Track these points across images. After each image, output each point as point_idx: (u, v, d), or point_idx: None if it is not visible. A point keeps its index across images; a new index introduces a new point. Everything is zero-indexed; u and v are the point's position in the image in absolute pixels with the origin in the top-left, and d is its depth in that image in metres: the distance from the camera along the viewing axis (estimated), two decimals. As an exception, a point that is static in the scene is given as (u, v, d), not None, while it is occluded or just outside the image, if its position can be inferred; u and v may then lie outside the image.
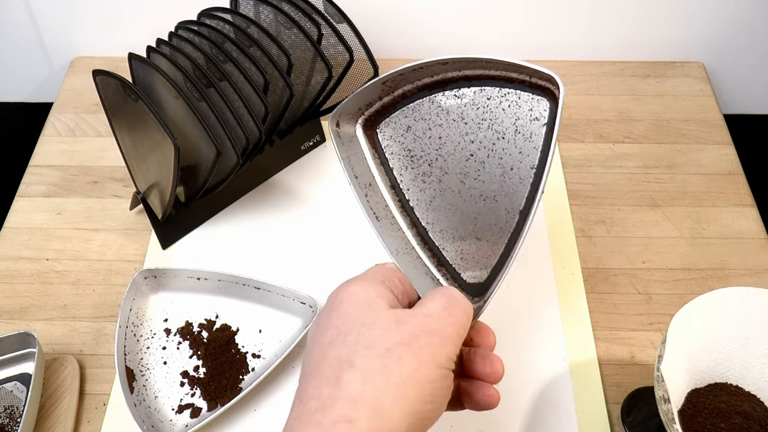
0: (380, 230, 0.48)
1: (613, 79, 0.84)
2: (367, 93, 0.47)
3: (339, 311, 0.39)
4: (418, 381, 0.36)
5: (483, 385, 0.42)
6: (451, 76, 0.46)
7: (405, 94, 0.48)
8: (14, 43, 0.85)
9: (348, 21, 0.66)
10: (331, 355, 0.37)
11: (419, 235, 0.49)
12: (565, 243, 0.67)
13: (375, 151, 0.50)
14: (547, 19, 0.82)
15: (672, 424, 0.44)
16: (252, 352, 0.60)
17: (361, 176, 0.49)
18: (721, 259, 0.67)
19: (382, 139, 0.49)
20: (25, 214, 0.71)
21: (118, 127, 0.63)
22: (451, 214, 0.48)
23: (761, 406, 0.52)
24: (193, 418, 0.56)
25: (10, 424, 0.56)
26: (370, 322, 0.37)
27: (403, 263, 0.48)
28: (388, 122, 0.49)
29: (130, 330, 0.60)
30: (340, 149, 0.48)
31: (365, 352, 0.36)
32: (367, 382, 0.35)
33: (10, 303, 0.64)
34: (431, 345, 0.37)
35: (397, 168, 0.49)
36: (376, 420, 0.34)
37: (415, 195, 0.49)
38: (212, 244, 0.68)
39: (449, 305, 0.39)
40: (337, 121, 0.48)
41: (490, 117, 0.45)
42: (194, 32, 0.62)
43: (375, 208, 0.49)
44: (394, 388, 0.35)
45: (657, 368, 0.47)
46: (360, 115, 0.49)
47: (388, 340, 0.36)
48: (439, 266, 0.49)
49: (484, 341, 0.43)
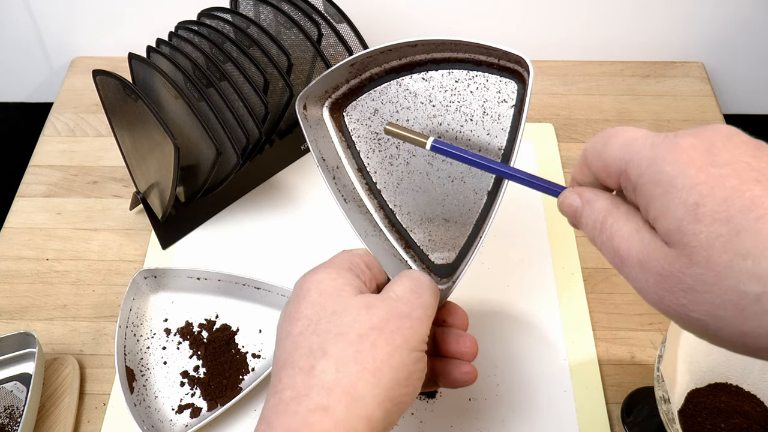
0: (348, 212, 0.48)
1: (613, 79, 0.84)
2: (334, 75, 0.47)
3: (307, 300, 0.39)
4: (392, 365, 0.36)
5: (459, 363, 0.42)
6: (420, 59, 0.46)
7: (372, 77, 0.48)
8: (14, 43, 0.85)
9: (348, 21, 0.66)
10: (303, 345, 0.37)
11: (387, 217, 0.50)
12: (565, 243, 0.67)
13: (342, 134, 0.50)
14: (547, 18, 0.82)
15: (672, 424, 0.45)
16: (252, 352, 0.60)
17: (329, 159, 0.49)
18: (721, 259, 0.67)
19: (349, 122, 0.49)
20: (25, 214, 0.71)
21: (118, 127, 0.63)
22: (419, 195, 0.48)
23: (761, 406, 0.52)
24: (193, 418, 0.56)
25: (10, 424, 0.56)
26: (340, 309, 0.37)
27: (372, 245, 0.47)
28: (355, 105, 0.49)
29: (130, 330, 0.60)
30: (308, 132, 0.48)
31: (337, 339, 0.36)
32: (341, 369, 0.35)
33: (10, 303, 0.64)
34: (402, 329, 0.37)
35: (364, 151, 0.49)
36: (352, 406, 0.34)
37: (383, 177, 0.49)
38: (212, 244, 0.68)
39: (416, 288, 0.40)
40: (304, 103, 0.48)
41: (458, 99, 0.45)
42: (194, 32, 0.62)
43: (343, 190, 0.49)
44: (368, 374, 0.35)
45: (657, 368, 0.47)
46: (327, 98, 0.49)
47: (359, 326, 0.37)
48: (407, 248, 0.49)
49: (456, 321, 0.44)
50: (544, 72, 0.84)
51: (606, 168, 0.32)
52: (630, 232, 0.31)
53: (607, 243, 0.31)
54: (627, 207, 0.32)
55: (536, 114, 0.79)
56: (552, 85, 0.82)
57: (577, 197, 0.34)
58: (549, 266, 0.66)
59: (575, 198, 0.34)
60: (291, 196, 0.72)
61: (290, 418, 0.34)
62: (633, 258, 0.30)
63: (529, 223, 0.69)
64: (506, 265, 0.66)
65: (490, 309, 0.63)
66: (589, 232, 0.33)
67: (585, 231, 0.34)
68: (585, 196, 0.34)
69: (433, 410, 0.57)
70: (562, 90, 0.82)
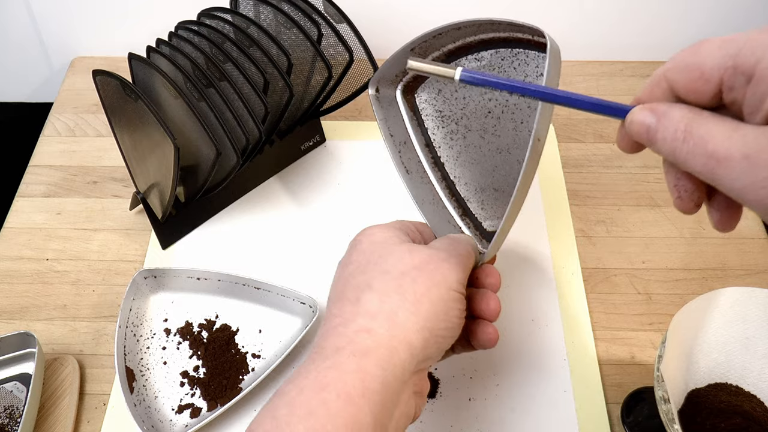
0: (409, 183, 0.54)
1: (613, 79, 0.84)
2: (397, 60, 0.52)
3: (358, 249, 0.43)
4: (430, 298, 0.40)
5: (483, 323, 0.45)
6: (470, 41, 0.51)
7: (434, 60, 0.52)
8: (14, 43, 0.85)
9: (348, 21, 0.66)
10: (352, 283, 0.41)
11: (448, 188, 0.55)
12: (565, 243, 0.67)
13: (413, 114, 0.55)
14: (547, 19, 0.82)
15: (672, 424, 0.44)
16: (252, 352, 0.60)
17: (396, 135, 0.55)
18: (721, 259, 0.67)
19: (419, 102, 0.54)
20: (25, 214, 0.71)
21: (118, 127, 0.63)
22: (474, 167, 0.53)
23: (761, 406, 0.52)
24: (193, 418, 0.56)
25: (10, 424, 0.56)
26: (386, 253, 0.42)
27: (428, 213, 0.53)
28: (424, 87, 0.54)
29: (130, 330, 0.60)
30: (378, 112, 0.54)
31: (382, 276, 0.40)
32: (384, 299, 0.39)
33: (10, 303, 0.64)
34: (441, 269, 0.41)
35: (431, 128, 0.55)
36: (392, 329, 0.38)
37: (445, 152, 0.55)
38: (212, 244, 0.68)
39: (453, 241, 0.45)
40: (376, 86, 0.54)
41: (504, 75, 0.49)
42: (194, 32, 0.62)
43: (407, 163, 0.55)
44: (408, 304, 0.39)
45: (657, 368, 0.47)
46: (399, 81, 0.54)
47: (402, 265, 0.41)
48: (463, 216, 0.54)
49: (488, 280, 0.47)
50: (544, 72, 0.84)
51: (703, 74, 0.31)
52: (726, 132, 0.29)
53: (698, 149, 0.30)
54: (710, 112, 0.31)
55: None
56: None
57: (648, 112, 0.32)
58: (549, 266, 0.66)
59: (647, 113, 0.32)
60: (291, 196, 0.72)
61: (338, 338, 0.38)
62: (736, 155, 0.28)
63: (529, 223, 0.69)
64: (506, 265, 0.66)
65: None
66: (669, 146, 0.31)
67: (662, 147, 0.32)
68: (658, 109, 0.32)
69: (433, 410, 0.57)
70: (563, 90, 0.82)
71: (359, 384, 0.36)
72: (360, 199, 0.71)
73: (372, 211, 0.70)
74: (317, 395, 0.35)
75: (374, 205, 0.71)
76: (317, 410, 0.35)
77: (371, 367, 0.37)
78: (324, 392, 0.35)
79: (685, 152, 0.31)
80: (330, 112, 0.70)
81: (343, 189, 0.72)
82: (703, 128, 0.30)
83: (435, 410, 0.57)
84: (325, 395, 0.35)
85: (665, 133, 0.31)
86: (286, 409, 0.35)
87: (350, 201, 0.71)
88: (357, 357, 0.37)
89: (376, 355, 0.37)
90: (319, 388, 0.36)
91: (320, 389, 0.36)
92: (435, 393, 0.58)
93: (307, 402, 0.35)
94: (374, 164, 0.74)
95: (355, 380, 0.36)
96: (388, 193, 0.71)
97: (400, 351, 0.38)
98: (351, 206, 0.71)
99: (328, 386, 0.36)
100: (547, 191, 0.71)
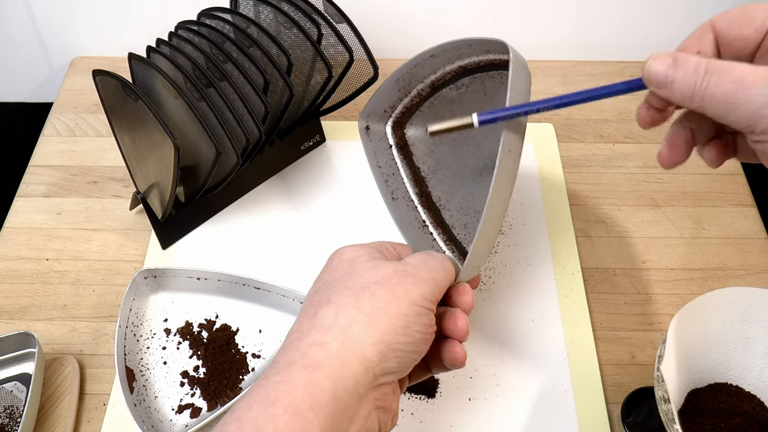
0: (394, 209, 0.55)
1: (613, 79, 0.83)
2: (385, 93, 0.53)
3: (328, 267, 0.43)
4: (388, 312, 0.39)
5: (451, 343, 0.44)
6: (450, 69, 0.51)
7: (420, 93, 0.53)
8: (14, 43, 0.85)
9: (348, 21, 0.66)
10: (314, 300, 0.41)
11: (433, 215, 0.55)
12: (565, 243, 0.67)
13: (402, 147, 0.56)
14: (547, 19, 0.82)
15: (672, 424, 0.44)
16: (252, 352, 0.60)
17: (384, 167, 0.56)
18: (721, 259, 0.67)
19: (408, 136, 0.56)
20: (25, 214, 0.71)
21: (118, 127, 0.63)
22: (458, 192, 0.54)
23: (761, 406, 0.52)
24: (193, 418, 0.56)
25: (10, 424, 0.56)
26: (351, 270, 0.42)
27: (411, 237, 0.54)
28: (412, 121, 0.55)
29: (130, 330, 0.60)
30: (367, 145, 0.55)
31: (342, 291, 0.40)
32: (340, 313, 0.39)
33: (10, 303, 0.64)
34: (403, 284, 0.40)
35: (420, 159, 0.56)
36: (345, 343, 0.37)
37: (432, 182, 0.56)
38: (212, 244, 0.68)
39: (427, 256, 0.44)
40: (366, 123, 0.56)
41: (483, 99, 0.50)
42: (194, 32, 0.62)
43: (394, 192, 0.56)
44: (363, 317, 0.38)
45: (657, 368, 0.47)
46: (388, 117, 0.56)
47: (364, 281, 0.40)
48: (448, 242, 0.55)
49: (460, 299, 0.46)
50: (544, 72, 0.84)
51: (754, 22, 0.37)
52: (747, 66, 0.33)
53: (721, 78, 0.33)
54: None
55: (536, 114, 0.79)
56: (552, 85, 0.82)
57: (667, 55, 0.35)
58: (549, 266, 0.66)
59: (665, 57, 0.35)
60: (291, 196, 0.72)
61: (292, 352, 0.38)
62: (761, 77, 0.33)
63: (530, 223, 0.69)
64: (506, 265, 0.66)
65: (490, 309, 0.63)
66: (689, 80, 0.34)
67: (681, 85, 0.35)
68: (677, 54, 0.35)
69: (433, 410, 0.57)
70: (562, 90, 0.82)
71: (308, 397, 0.35)
72: (360, 199, 0.71)
73: (372, 211, 0.70)
74: (265, 410, 0.35)
75: (374, 205, 0.70)
76: (265, 426, 0.34)
77: (321, 380, 0.36)
78: (272, 407, 0.35)
79: (706, 85, 0.34)
80: (330, 112, 0.70)
81: (343, 189, 0.72)
82: (725, 65, 0.34)
83: (435, 410, 0.57)
84: (273, 410, 0.35)
85: (686, 69, 0.34)
86: (235, 425, 0.35)
87: (350, 201, 0.71)
88: (308, 370, 0.36)
89: (327, 368, 0.37)
90: (267, 403, 0.35)
91: (269, 404, 0.35)
92: (435, 393, 0.58)
93: (255, 418, 0.35)
94: (374, 164, 0.74)
95: (304, 394, 0.35)
96: (388, 193, 0.71)
97: (352, 363, 0.37)
98: (351, 206, 0.71)
99: (276, 401, 0.35)
100: (547, 191, 0.71)
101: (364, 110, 0.54)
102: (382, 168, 0.56)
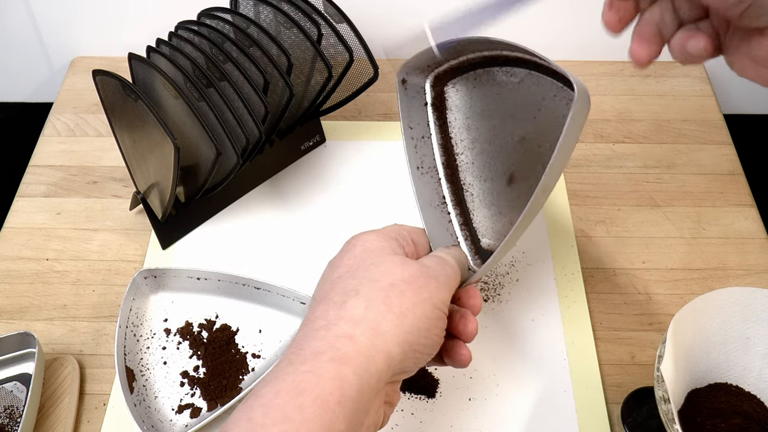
0: (417, 180, 0.52)
1: (613, 79, 0.84)
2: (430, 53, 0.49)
3: (351, 253, 0.43)
4: (415, 314, 0.39)
5: (459, 344, 0.45)
6: (507, 54, 0.48)
7: (470, 61, 0.50)
8: (14, 43, 0.85)
9: (348, 21, 0.66)
10: (340, 286, 0.41)
11: (455, 194, 0.53)
12: (565, 243, 0.67)
13: (438, 109, 0.53)
14: (547, 19, 0.82)
15: (672, 424, 0.45)
16: (252, 352, 0.60)
17: (416, 129, 0.52)
18: (721, 259, 0.67)
19: (448, 97, 0.52)
20: (25, 214, 0.71)
21: (118, 127, 0.63)
22: (484, 182, 0.52)
23: (761, 406, 0.52)
24: (193, 418, 0.56)
25: (10, 424, 0.56)
26: (377, 261, 0.42)
27: (427, 215, 0.51)
28: (455, 83, 0.52)
29: (130, 330, 0.60)
30: (402, 101, 0.51)
31: (371, 284, 0.40)
32: (370, 307, 0.39)
33: (10, 303, 0.64)
34: (429, 286, 0.41)
35: (455, 128, 0.53)
36: (374, 339, 0.38)
37: (463, 156, 0.53)
38: (212, 244, 0.68)
39: (443, 261, 0.44)
40: (404, 75, 0.51)
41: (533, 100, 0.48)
42: (194, 32, 0.62)
43: (420, 160, 0.52)
44: (393, 316, 0.39)
45: (657, 368, 0.47)
46: (430, 72, 0.51)
47: (391, 276, 0.40)
48: (463, 226, 0.52)
49: (470, 302, 0.46)
50: (544, 72, 0.84)
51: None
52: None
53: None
54: None
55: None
56: (552, 85, 0.82)
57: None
58: (549, 266, 0.66)
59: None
60: (291, 196, 0.72)
61: (319, 342, 0.38)
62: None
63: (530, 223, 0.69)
64: (506, 265, 0.66)
65: (491, 309, 0.63)
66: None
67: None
68: None
69: (433, 410, 0.57)
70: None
71: (337, 391, 0.36)
72: (360, 199, 0.71)
73: (372, 211, 0.70)
74: (293, 400, 0.35)
75: (374, 205, 0.71)
76: (292, 415, 0.35)
77: (349, 375, 0.36)
78: (301, 397, 0.35)
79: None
80: (330, 112, 0.70)
81: (343, 189, 0.72)
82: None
83: (435, 410, 0.57)
84: (301, 401, 0.35)
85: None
86: (261, 411, 0.35)
87: (350, 201, 0.71)
88: (336, 363, 0.37)
89: (355, 363, 0.37)
90: (296, 393, 0.36)
91: (297, 394, 0.35)
92: (435, 393, 0.58)
93: (282, 406, 0.35)
94: (374, 164, 0.74)
95: (333, 387, 0.36)
96: (388, 194, 0.71)
97: (378, 360, 0.38)
98: (351, 206, 0.71)
99: (305, 391, 0.35)
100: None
101: (405, 63, 0.50)
102: (414, 130, 0.52)
